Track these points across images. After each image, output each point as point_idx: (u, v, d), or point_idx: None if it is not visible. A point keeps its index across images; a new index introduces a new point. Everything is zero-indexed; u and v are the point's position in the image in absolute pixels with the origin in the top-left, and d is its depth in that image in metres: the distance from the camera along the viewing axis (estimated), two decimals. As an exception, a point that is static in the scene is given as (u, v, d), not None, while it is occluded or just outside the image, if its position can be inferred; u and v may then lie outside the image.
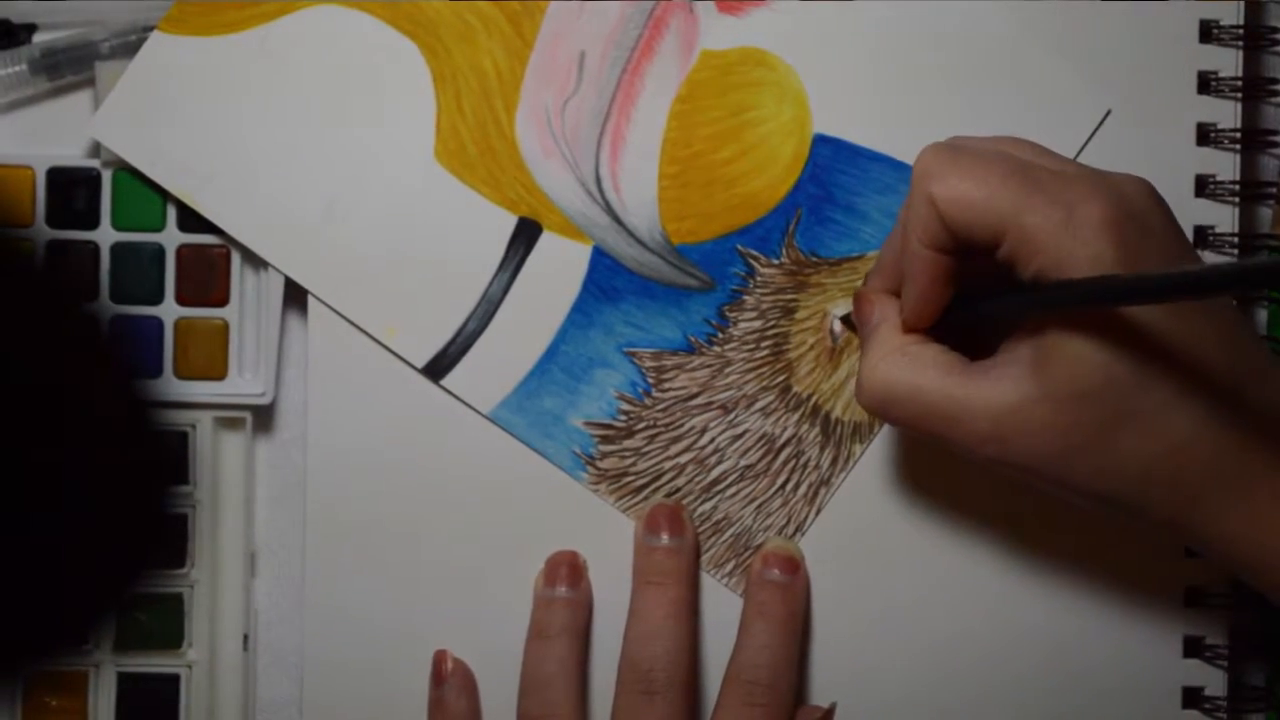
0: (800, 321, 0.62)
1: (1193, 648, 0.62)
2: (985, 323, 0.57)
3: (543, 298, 0.62)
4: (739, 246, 0.62)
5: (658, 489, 0.62)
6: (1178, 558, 0.62)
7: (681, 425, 0.62)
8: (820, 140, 0.62)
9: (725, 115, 0.62)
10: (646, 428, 0.62)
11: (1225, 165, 0.62)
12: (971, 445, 0.55)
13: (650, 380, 0.62)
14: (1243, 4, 0.62)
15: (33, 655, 0.44)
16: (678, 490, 0.62)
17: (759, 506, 0.62)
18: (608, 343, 0.62)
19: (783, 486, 0.62)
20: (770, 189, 0.62)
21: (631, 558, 0.61)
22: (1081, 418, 0.53)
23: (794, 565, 0.61)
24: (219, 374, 0.62)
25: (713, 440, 0.62)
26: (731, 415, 0.62)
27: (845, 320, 0.62)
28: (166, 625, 0.61)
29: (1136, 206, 0.53)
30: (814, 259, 0.62)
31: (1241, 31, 0.62)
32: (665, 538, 0.61)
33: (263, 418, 0.62)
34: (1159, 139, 0.62)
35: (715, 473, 0.62)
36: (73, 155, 0.62)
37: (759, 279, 0.62)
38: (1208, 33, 0.62)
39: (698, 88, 0.62)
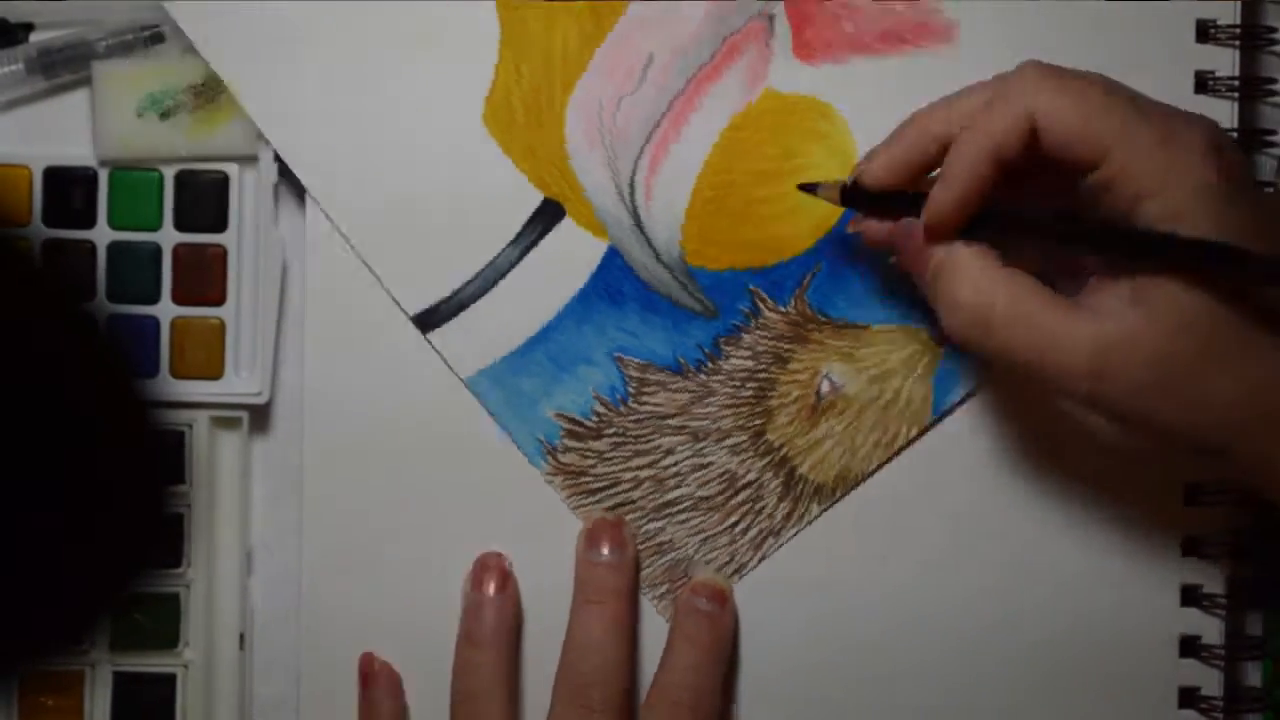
0: (790, 373, 0.62)
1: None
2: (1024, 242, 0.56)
3: (547, 281, 0.61)
4: (752, 285, 0.62)
5: (613, 496, 0.62)
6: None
7: (650, 441, 0.62)
8: None
9: (774, 155, 0.61)
10: (615, 434, 0.62)
11: (1222, 165, 0.62)
12: (1067, 377, 0.53)
13: (631, 390, 0.62)
14: (1240, 4, 0.62)
15: (28, 655, 0.44)
16: (631, 503, 0.62)
17: (705, 539, 0.62)
18: (599, 342, 0.62)
19: (733, 526, 0.62)
20: (797, 237, 0.62)
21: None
22: (1181, 349, 0.53)
23: (723, 597, 0.61)
24: (215, 373, 0.62)
25: (676, 464, 0.62)
26: (701, 444, 0.62)
27: (844, 192, 0.59)
28: (163, 625, 0.61)
29: (1226, 140, 0.54)
30: (820, 317, 0.61)
31: (1238, 31, 0.62)
32: (606, 553, 0.61)
33: (259, 417, 0.62)
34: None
35: (670, 495, 0.62)
36: (69, 155, 0.62)
37: (761, 321, 0.62)
38: (1205, 32, 0.62)
39: (753, 121, 0.62)
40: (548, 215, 0.61)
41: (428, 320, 0.61)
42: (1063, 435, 0.60)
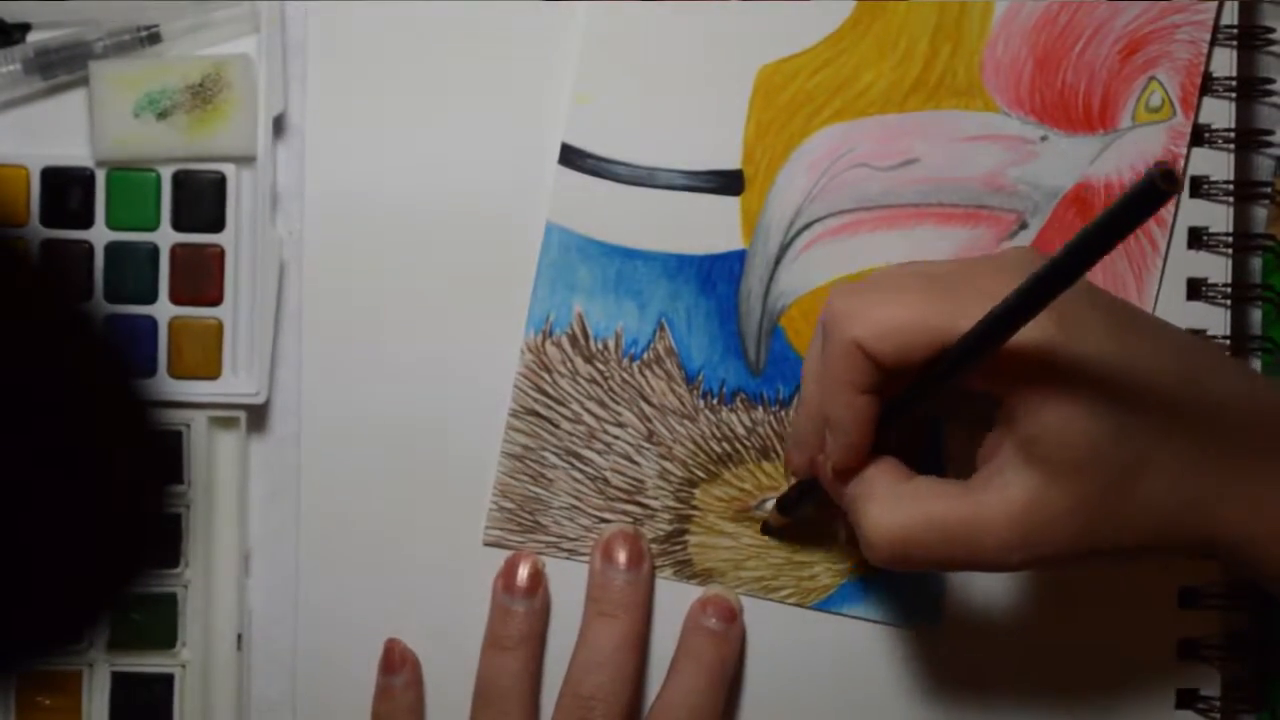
0: (760, 469, 0.62)
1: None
2: (916, 429, 0.57)
3: (677, 223, 0.61)
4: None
5: (548, 407, 0.61)
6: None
7: (617, 402, 0.62)
8: None
9: None
10: (600, 371, 0.62)
11: (1220, 165, 0.62)
12: (1000, 558, 0.53)
13: (646, 355, 0.62)
14: (1237, 4, 0.62)
15: (25, 654, 0.44)
16: (553, 428, 0.61)
17: (574, 508, 0.62)
18: (664, 303, 0.61)
19: (599, 520, 0.62)
20: None
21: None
22: (1092, 487, 0.52)
23: (731, 614, 0.61)
24: (213, 373, 0.62)
25: (616, 438, 0.62)
26: (646, 445, 0.62)
27: (780, 505, 0.61)
28: (160, 625, 0.61)
29: (1036, 264, 0.50)
30: None
31: (1236, 31, 0.62)
32: (622, 568, 0.61)
33: (257, 417, 0.62)
34: (1153, 139, 0.62)
35: (585, 453, 0.62)
36: (67, 155, 0.62)
37: (782, 414, 0.61)
38: (1202, 33, 0.62)
39: None
40: (729, 181, 0.61)
41: (570, 157, 0.61)
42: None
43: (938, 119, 0.61)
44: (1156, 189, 0.43)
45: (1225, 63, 0.62)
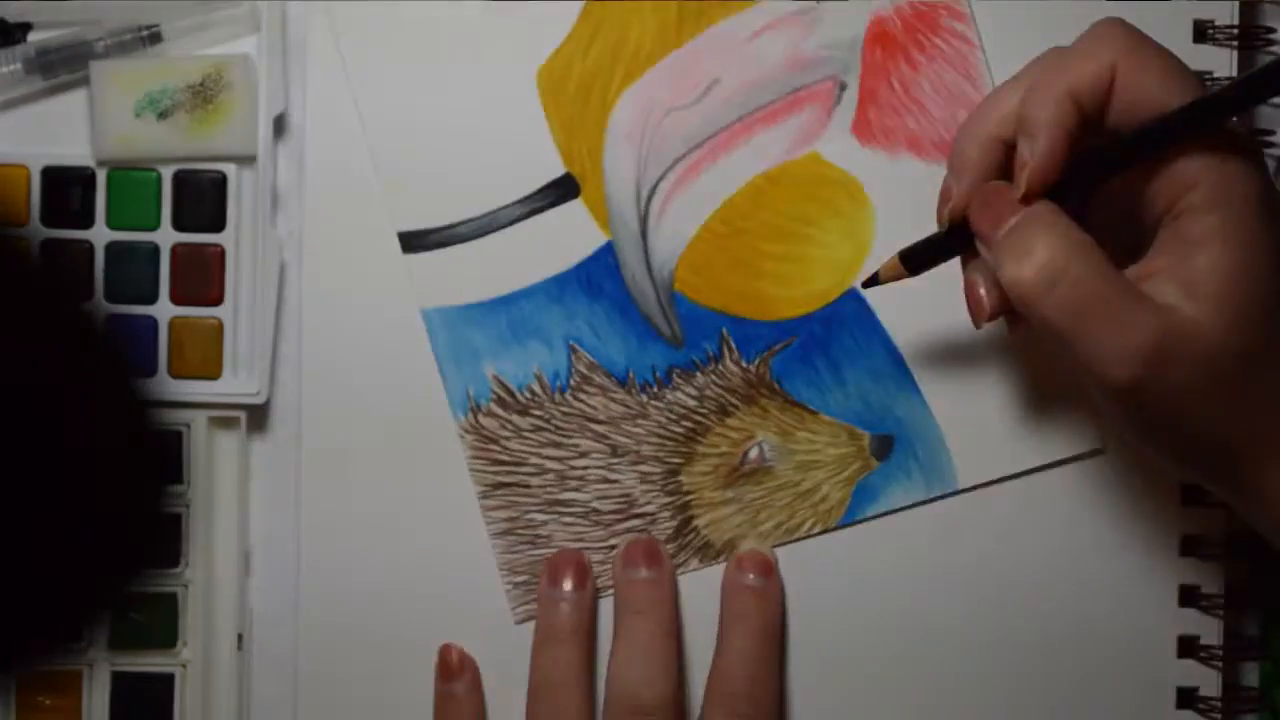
0: (727, 426, 0.62)
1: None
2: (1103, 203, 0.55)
3: (537, 250, 0.61)
4: (725, 329, 0.62)
5: (512, 473, 0.61)
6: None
7: (570, 437, 0.62)
8: (853, 295, 0.62)
9: (792, 217, 0.62)
10: (540, 417, 0.62)
11: (1220, 165, 0.62)
12: (1116, 363, 0.51)
13: (573, 382, 0.62)
14: (1237, 4, 0.62)
15: (26, 654, 0.44)
16: (526, 487, 0.61)
17: (581, 550, 0.62)
18: (561, 326, 0.62)
19: (612, 548, 0.62)
20: (784, 304, 0.62)
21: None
22: (1234, 345, 0.51)
23: (768, 568, 0.61)
24: (213, 373, 0.62)
25: (585, 469, 0.62)
26: (616, 460, 0.62)
27: (906, 257, 0.58)
28: (161, 624, 0.61)
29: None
30: (775, 387, 0.62)
31: (1236, 32, 0.62)
32: (644, 571, 0.61)
33: (257, 417, 0.62)
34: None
35: (566, 496, 0.62)
36: (68, 155, 0.62)
37: (720, 368, 0.62)
38: (1202, 33, 0.62)
39: (787, 177, 0.62)
40: (563, 189, 0.62)
41: (412, 242, 0.61)
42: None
43: (715, 36, 0.62)
44: None
45: (1225, 63, 0.62)
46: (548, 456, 0.62)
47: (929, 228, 0.57)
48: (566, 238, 0.62)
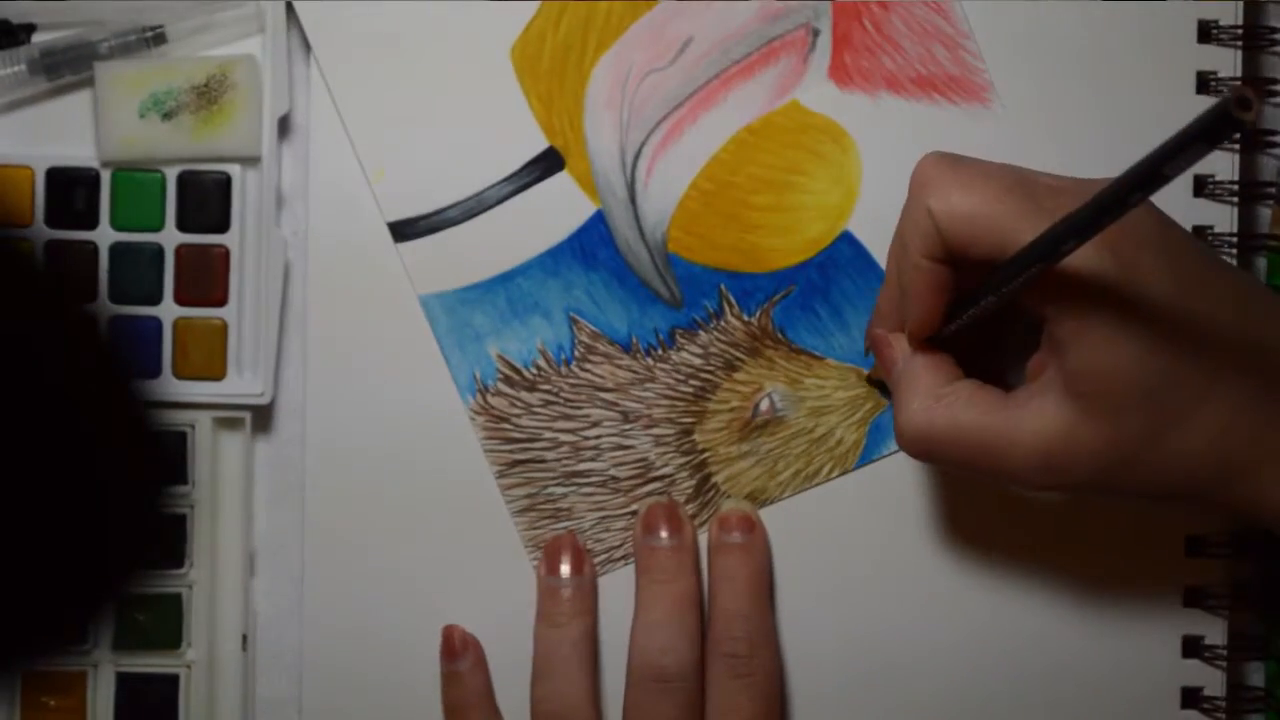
0: (735, 381, 0.62)
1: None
2: (989, 335, 0.57)
3: (529, 226, 0.62)
4: (723, 285, 0.62)
5: (527, 450, 0.61)
6: (1177, 555, 0.62)
7: (580, 408, 0.62)
8: (846, 238, 0.62)
9: (778, 166, 0.62)
10: (548, 391, 0.62)
11: (1224, 166, 0.62)
12: (1023, 476, 0.54)
13: (577, 353, 0.62)
14: (1241, 4, 0.62)
15: (30, 654, 0.44)
16: (542, 462, 0.62)
17: (603, 518, 0.62)
18: (560, 299, 0.62)
19: (633, 513, 0.62)
20: (780, 253, 0.62)
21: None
22: (1125, 431, 0.52)
23: (750, 524, 0.61)
24: (218, 374, 0.62)
25: (599, 437, 0.62)
26: (628, 426, 0.62)
27: (871, 381, 0.61)
28: (165, 625, 0.61)
29: (1129, 215, 0.50)
30: (779, 336, 0.62)
31: (1240, 31, 0.62)
32: (665, 537, 0.61)
33: (261, 418, 0.62)
34: (1157, 139, 0.62)
35: (583, 466, 0.62)
36: (72, 155, 0.62)
37: (722, 324, 0.62)
38: (1206, 33, 0.62)
39: (770, 128, 0.62)
40: (547, 163, 0.62)
41: (402, 230, 0.61)
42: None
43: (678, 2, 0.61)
44: (1230, 118, 0.40)
45: (1229, 63, 0.62)
46: (560, 429, 0.62)
47: (914, 165, 0.57)
48: (556, 211, 0.62)
